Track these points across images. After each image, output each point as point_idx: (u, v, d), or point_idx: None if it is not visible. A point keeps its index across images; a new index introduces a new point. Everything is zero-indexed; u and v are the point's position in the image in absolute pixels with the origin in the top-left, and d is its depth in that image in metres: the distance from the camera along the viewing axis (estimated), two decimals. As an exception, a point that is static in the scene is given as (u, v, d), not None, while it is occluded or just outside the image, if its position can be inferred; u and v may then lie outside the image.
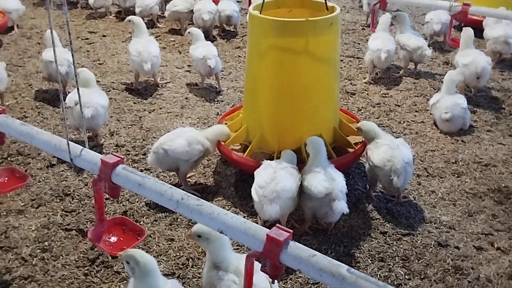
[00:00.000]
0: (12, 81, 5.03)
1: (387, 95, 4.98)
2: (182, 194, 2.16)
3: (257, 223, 3.07)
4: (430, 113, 4.49)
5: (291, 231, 1.82)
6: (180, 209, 2.14)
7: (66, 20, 2.17)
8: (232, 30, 6.65)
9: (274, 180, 2.85)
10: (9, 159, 3.76)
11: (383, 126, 4.34)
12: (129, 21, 4.92)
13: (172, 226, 3.13)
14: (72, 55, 2.35)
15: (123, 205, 3.30)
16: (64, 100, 3.69)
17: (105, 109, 3.89)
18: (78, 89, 2.35)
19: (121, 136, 4.11)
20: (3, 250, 2.91)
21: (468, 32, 4.87)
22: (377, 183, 3.38)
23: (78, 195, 3.38)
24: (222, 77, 5.28)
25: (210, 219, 2.05)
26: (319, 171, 2.91)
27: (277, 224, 1.90)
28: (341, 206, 2.84)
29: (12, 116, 4.19)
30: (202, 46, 4.83)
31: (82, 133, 3.44)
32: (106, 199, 3.19)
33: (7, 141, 3.82)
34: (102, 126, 4.04)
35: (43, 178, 3.54)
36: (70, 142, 2.42)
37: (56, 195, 3.37)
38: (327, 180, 2.85)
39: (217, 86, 4.98)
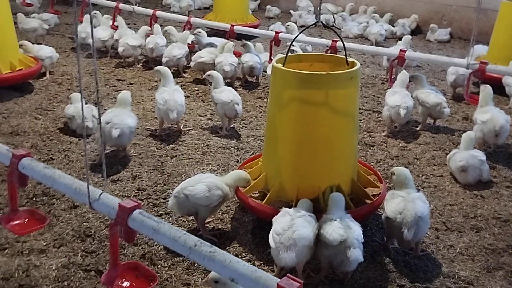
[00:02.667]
0: (42, 124, 5.23)
1: (405, 148, 5.02)
2: (196, 240, 2.22)
3: (273, 271, 3.11)
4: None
5: (302, 281, 1.84)
6: (193, 256, 2.19)
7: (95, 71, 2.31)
8: (254, 81, 6.84)
9: (291, 228, 2.89)
10: (34, 199, 3.87)
11: (402, 179, 4.36)
12: (157, 71, 5.13)
13: (189, 270, 3.16)
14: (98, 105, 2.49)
15: (142, 248, 3.35)
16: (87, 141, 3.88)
17: (131, 129, 4.43)
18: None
19: (143, 180, 4.21)
20: (24, 288, 2.97)
21: (487, 89, 4.94)
22: (393, 235, 3.38)
23: (98, 237, 3.44)
24: (243, 126, 5.42)
25: (222, 266, 2.09)
26: (335, 219, 2.96)
27: (288, 274, 1.93)
28: (356, 254, 2.84)
29: (40, 158, 4.41)
30: (226, 90, 5.06)
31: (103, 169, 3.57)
32: (126, 241, 3.24)
33: (33, 181, 3.95)
34: (128, 143, 4.62)
35: (66, 219, 3.63)
36: (90, 186, 2.52)
37: (77, 235, 3.45)
38: (342, 228, 2.89)
39: (227, 127, 5.19)
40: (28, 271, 3.09)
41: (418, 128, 5.45)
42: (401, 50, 6.19)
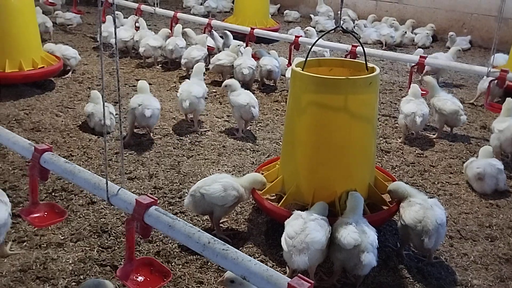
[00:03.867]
0: (62, 121, 5.33)
1: (422, 155, 5.01)
2: (209, 238, 2.25)
3: (286, 272, 3.13)
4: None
5: (312, 281, 1.86)
6: (206, 253, 2.23)
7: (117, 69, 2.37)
8: (272, 84, 6.87)
9: (304, 231, 2.91)
10: (53, 194, 3.94)
11: (417, 186, 4.35)
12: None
13: (203, 269, 3.20)
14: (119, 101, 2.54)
15: (157, 245, 3.40)
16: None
17: (159, 111, 4.95)
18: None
19: (159, 178, 4.27)
20: (41, 280, 3.03)
21: (510, 103, 4.90)
22: (409, 242, 3.38)
23: (114, 233, 3.50)
24: (259, 128, 5.45)
25: (234, 264, 2.12)
26: (351, 223, 2.97)
27: (299, 274, 1.95)
28: (369, 259, 2.85)
29: (60, 154, 4.49)
30: (243, 93, 5.12)
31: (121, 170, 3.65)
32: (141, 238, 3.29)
33: (53, 177, 4.03)
34: (155, 124, 5.10)
35: (83, 214, 3.70)
36: (108, 182, 2.57)
37: (94, 231, 3.51)
38: (357, 232, 2.90)
39: (243, 129, 5.24)
40: (46, 263, 3.16)
41: (434, 136, 5.42)
42: (421, 57, 6.18)
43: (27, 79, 6.06)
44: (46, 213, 2.98)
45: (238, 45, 6.97)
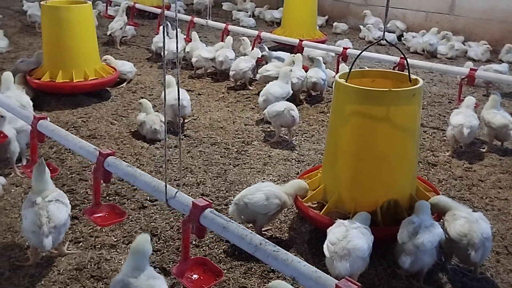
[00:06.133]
0: (117, 129, 5.60)
1: (470, 169, 4.93)
2: (261, 239, 2.37)
3: (327, 280, 3.18)
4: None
5: (360, 284, 1.92)
6: (258, 253, 2.34)
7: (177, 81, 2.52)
8: (318, 95, 6.93)
9: (346, 238, 2.98)
10: (107, 198, 4.16)
11: (464, 200, 4.30)
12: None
13: (247, 275, 3.30)
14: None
15: (203, 250, 3.53)
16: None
17: (189, 102, 5.60)
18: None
19: (206, 186, 4.42)
20: (95, 279, 3.22)
21: None
22: (453, 256, 3.36)
23: (164, 237, 3.66)
24: (305, 139, 5.53)
25: (285, 265, 2.23)
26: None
27: (347, 277, 2.02)
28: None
29: (114, 161, 4.71)
30: (278, 103, 5.37)
31: (179, 177, 3.83)
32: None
33: (107, 181, 4.26)
34: (189, 114, 5.68)
35: (135, 218, 3.89)
36: (167, 185, 2.74)
37: (144, 234, 3.68)
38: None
39: (288, 138, 5.39)
40: (99, 263, 3.35)
41: (484, 150, 5.32)
42: (471, 69, 6.09)
43: (77, 90, 6.28)
44: (107, 214, 3.19)
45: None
